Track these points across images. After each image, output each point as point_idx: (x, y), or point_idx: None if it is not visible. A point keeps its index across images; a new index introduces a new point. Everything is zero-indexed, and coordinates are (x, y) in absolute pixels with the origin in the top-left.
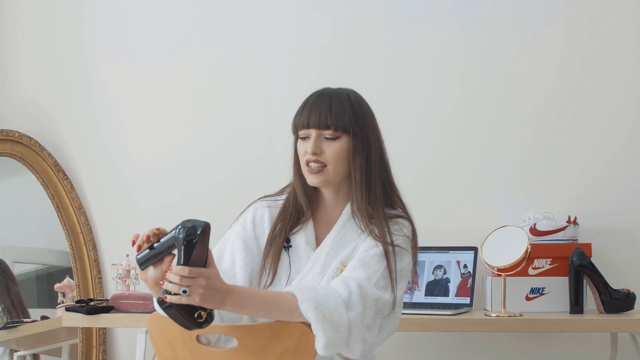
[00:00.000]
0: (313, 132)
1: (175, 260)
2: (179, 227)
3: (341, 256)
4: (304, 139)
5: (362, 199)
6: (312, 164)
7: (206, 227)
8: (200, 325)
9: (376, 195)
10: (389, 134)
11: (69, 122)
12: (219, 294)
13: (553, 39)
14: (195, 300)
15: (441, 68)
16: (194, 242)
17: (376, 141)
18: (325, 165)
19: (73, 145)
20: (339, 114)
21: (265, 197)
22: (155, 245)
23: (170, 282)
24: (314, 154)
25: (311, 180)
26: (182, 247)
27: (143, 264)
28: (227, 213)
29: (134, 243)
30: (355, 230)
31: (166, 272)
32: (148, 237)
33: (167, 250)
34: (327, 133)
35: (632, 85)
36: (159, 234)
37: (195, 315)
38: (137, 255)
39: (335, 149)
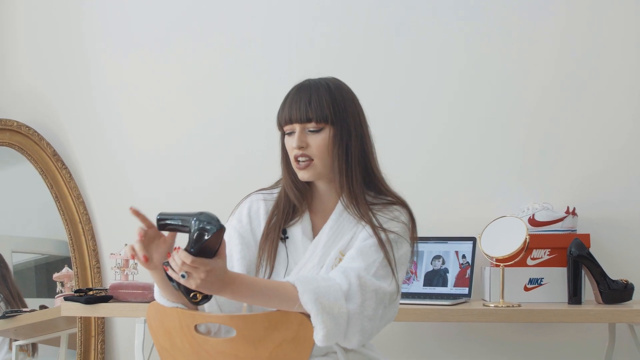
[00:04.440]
0: (297, 127)
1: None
2: (194, 217)
3: (339, 245)
4: (289, 134)
5: (343, 188)
6: (300, 159)
7: (220, 230)
8: (195, 304)
9: (357, 182)
10: (389, 125)
11: (68, 111)
12: (217, 285)
13: (552, 30)
14: (191, 286)
15: (441, 60)
16: (204, 239)
17: (357, 128)
18: (312, 159)
19: (72, 134)
20: (318, 105)
21: (261, 190)
22: (171, 221)
23: (174, 261)
24: (300, 147)
25: (301, 175)
26: (193, 239)
27: (161, 226)
28: (226, 204)
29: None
30: (352, 219)
31: (176, 248)
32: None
33: (181, 229)
34: (310, 126)
35: (632, 76)
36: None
37: (191, 295)
38: (160, 215)
39: (320, 141)
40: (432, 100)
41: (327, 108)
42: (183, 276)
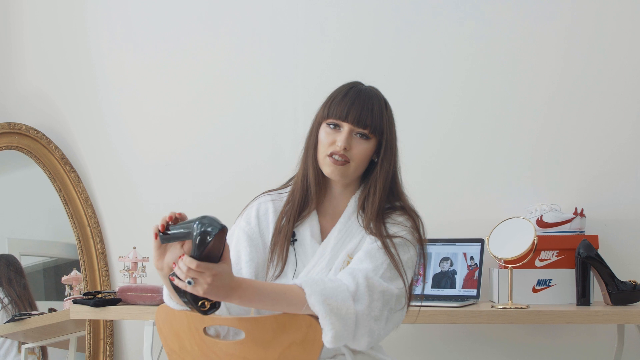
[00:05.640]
0: (347, 127)
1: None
2: (197, 221)
3: (347, 248)
4: (332, 127)
5: (377, 200)
6: (336, 157)
7: (222, 231)
8: (204, 313)
9: (384, 198)
10: (396, 126)
11: (76, 115)
12: (224, 290)
13: (559, 31)
14: (198, 292)
15: (447, 61)
16: (207, 241)
17: (395, 148)
18: (348, 161)
19: (80, 138)
20: (379, 116)
21: (269, 191)
22: (172, 230)
23: (180, 268)
24: (344, 149)
25: (331, 171)
26: (196, 243)
27: (165, 239)
28: (233, 208)
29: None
30: (361, 223)
31: (180, 256)
32: (171, 218)
33: (184, 237)
34: (362, 132)
35: (638, 77)
36: (180, 217)
37: (199, 303)
38: (162, 232)
39: (363, 149)
40: (439, 101)
41: (384, 122)
42: (190, 283)
